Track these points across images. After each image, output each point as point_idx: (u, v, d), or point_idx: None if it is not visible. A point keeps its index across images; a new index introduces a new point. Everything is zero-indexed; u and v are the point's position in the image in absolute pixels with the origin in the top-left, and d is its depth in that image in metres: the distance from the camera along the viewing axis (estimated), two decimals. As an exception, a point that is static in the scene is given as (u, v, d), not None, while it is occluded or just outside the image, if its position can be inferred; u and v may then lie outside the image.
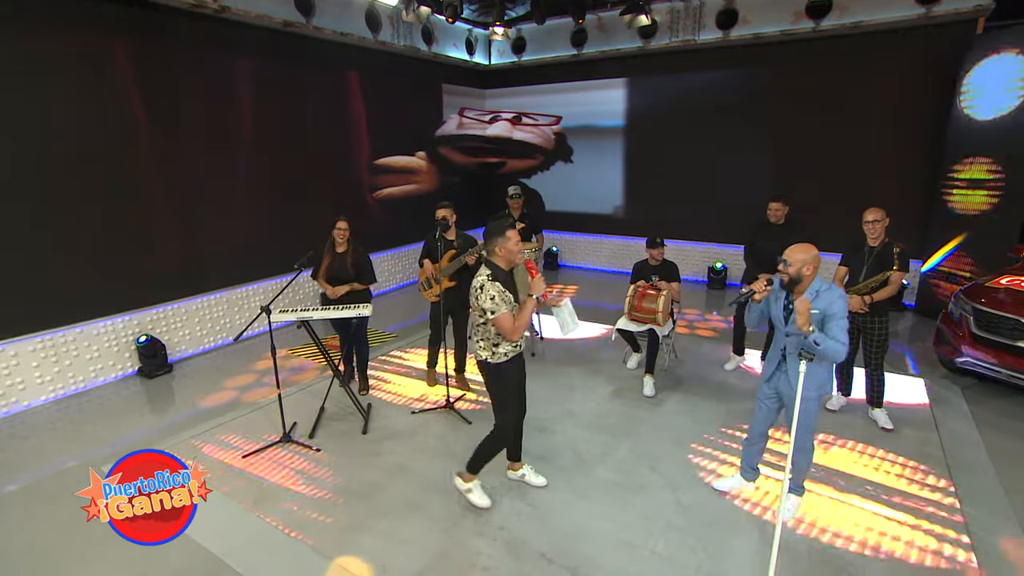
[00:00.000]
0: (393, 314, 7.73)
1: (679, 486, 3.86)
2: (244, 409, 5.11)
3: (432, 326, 5.29)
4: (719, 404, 5.03)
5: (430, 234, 5.01)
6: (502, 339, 3.29)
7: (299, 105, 7.49)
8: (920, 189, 7.52)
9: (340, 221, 4.85)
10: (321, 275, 4.91)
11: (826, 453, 4.24)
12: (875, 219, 4.35)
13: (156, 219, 6.11)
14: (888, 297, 4.34)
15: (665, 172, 9.61)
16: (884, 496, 3.74)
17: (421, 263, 5.13)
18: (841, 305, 3.07)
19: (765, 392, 3.51)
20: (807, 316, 3.03)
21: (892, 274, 4.28)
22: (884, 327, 4.44)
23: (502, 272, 3.24)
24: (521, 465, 3.90)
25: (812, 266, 3.13)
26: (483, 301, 3.15)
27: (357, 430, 4.66)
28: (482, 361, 3.36)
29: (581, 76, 10.02)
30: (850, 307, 4.39)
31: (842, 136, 8.02)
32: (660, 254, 5.35)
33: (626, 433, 4.54)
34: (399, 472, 4.07)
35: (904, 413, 4.79)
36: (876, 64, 7.63)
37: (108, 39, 5.55)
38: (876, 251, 4.37)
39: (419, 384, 5.57)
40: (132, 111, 5.79)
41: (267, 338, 5.12)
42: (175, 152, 6.20)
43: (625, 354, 6.01)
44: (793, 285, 3.19)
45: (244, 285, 6.99)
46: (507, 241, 3.21)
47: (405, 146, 9.38)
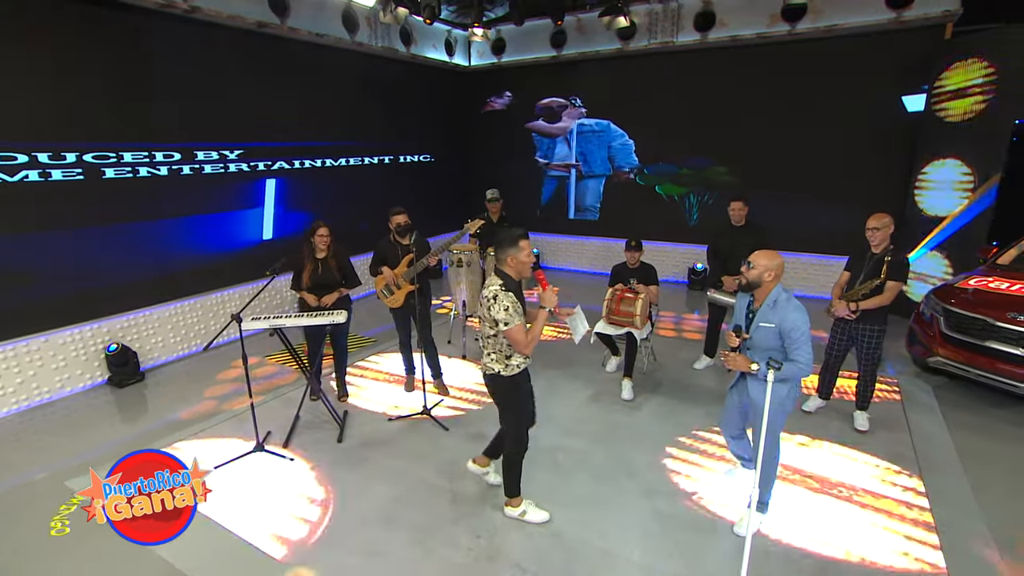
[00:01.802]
0: (372, 318, 7.68)
1: (656, 492, 3.85)
2: (217, 418, 5.00)
3: (400, 331, 5.27)
4: (697, 407, 5.03)
5: (382, 241, 5.02)
6: (513, 351, 3.23)
7: (273, 105, 7.35)
8: (893, 190, 7.61)
9: (321, 227, 4.76)
10: (304, 285, 4.79)
11: (801, 455, 4.26)
12: (875, 226, 4.26)
13: (129, 221, 5.97)
14: (879, 306, 4.25)
15: (646, 172, 9.64)
16: (856, 497, 3.77)
17: (375, 272, 5.05)
18: (796, 318, 3.02)
19: (731, 399, 3.51)
20: (742, 365, 3.15)
21: (887, 283, 4.20)
22: (876, 336, 4.36)
23: (513, 283, 3.17)
24: (489, 462, 3.85)
25: (774, 273, 3.14)
26: (496, 312, 3.06)
27: (332, 438, 4.59)
28: (495, 375, 3.26)
29: (562, 77, 9.99)
30: (838, 312, 4.39)
31: (814, 137, 8.10)
32: (637, 257, 5.35)
33: (604, 438, 4.52)
34: (375, 481, 4.02)
35: (877, 413, 4.83)
36: (850, 67, 7.71)
37: (75, 38, 5.39)
38: (875, 259, 4.30)
39: (396, 390, 5.51)
40: (97, 110, 5.64)
41: (246, 343, 5.06)
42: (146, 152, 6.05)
43: (604, 357, 6.00)
44: (751, 289, 3.20)
45: (219, 291, 6.86)
46: (519, 252, 3.14)
47: (387, 147, 9.30)
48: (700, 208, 9.36)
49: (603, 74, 9.61)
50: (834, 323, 4.63)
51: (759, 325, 3.12)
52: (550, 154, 10.63)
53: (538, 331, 3.16)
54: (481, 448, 3.95)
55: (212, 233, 6.81)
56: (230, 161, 6.90)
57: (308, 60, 7.69)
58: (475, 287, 6.19)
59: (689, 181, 9.33)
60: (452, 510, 3.70)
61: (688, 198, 9.41)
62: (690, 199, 9.40)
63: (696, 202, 9.36)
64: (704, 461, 4.20)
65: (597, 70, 9.64)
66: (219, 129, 6.75)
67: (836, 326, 4.61)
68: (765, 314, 3.12)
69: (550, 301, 3.18)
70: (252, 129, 7.11)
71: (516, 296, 3.14)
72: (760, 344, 3.15)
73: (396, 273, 4.97)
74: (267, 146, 7.33)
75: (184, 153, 6.41)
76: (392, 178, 9.53)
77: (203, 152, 6.60)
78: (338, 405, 5.15)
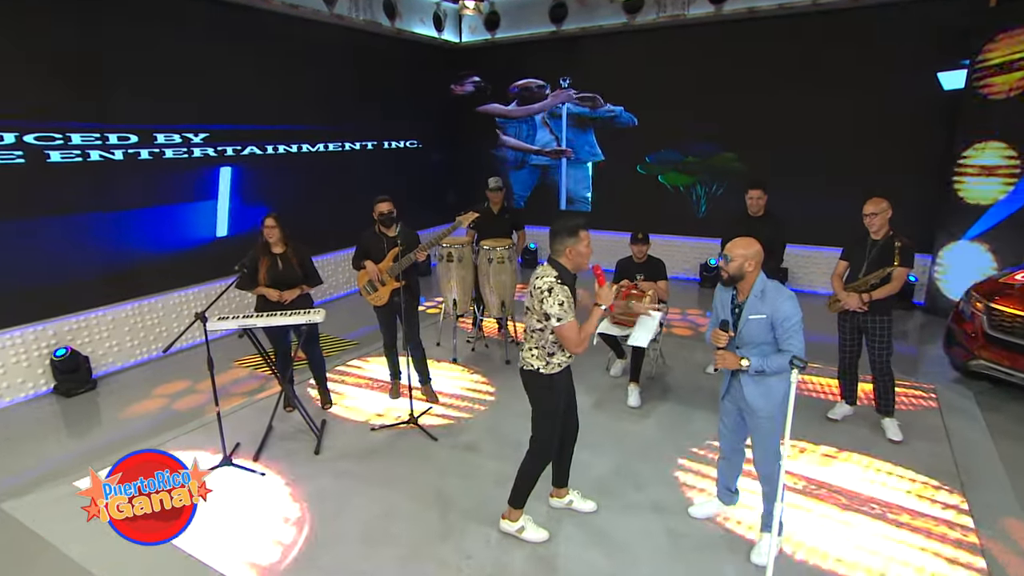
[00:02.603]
0: (353, 319, 7.65)
1: (666, 507, 3.83)
2: (179, 429, 4.97)
3: (384, 332, 5.28)
4: (711, 414, 5.01)
5: (366, 232, 5.03)
6: (557, 348, 3.27)
7: (242, 83, 7.33)
8: (929, 176, 7.61)
9: (267, 218, 4.78)
10: (261, 282, 4.79)
11: (828, 468, 4.24)
12: (873, 211, 4.36)
13: (80, 212, 5.93)
14: (889, 295, 4.36)
15: (647, 161, 9.66)
16: (891, 515, 3.74)
17: (358, 266, 5.06)
18: (789, 307, 3.04)
19: (726, 408, 3.48)
20: (731, 363, 3.16)
21: (894, 270, 4.31)
22: (887, 327, 4.46)
23: (569, 276, 3.21)
24: (567, 491, 3.84)
25: (754, 262, 3.14)
26: (549, 306, 3.10)
27: (309, 450, 4.57)
28: (533, 371, 3.30)
29: (561, 53, 10.01)
30: (848, 306, 4.46)
31: (838, 119, 8.09)
32: (644, 251, 5.36)
33: (609, 449, 4.51)
34: (356, 497, 4.00)
35: (913, 422, 4.81)
36: (879, 40, 7.70)
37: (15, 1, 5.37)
38: (879, 245, 4.39)
39: (381, 397, 5.50)
40: (41, 85, 5.60)
41: (213, 346, 5.03)
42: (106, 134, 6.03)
43: (608, 360, 5.99)
44: (734, 283, 3.21)
45: (182, 289, 6.83)
46: (579, 242, 3.17)
47: (370, 131, 9.29)
48: (708, 199, 9.38)
49: (608, 51, 9.61)
50: (839, 319, 4.68)
51: (748, 318, 3.14)
52: (530, 140, 10.68)
53: (591, 330, 3.20)
54: (478, 459, 3.91)
55: (175, 226, 6.78)
56: (194, 145, 6.88)
57: (282, 33, 7.66)
58: (467, 284, 6.18)
59: (695, 169, 9.36)
60: (441, 527, 3.68)
61: (695, 188, 9.44)
62: (697, 190, 9.43)
63: (704, 193, 9.39)
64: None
65: (600, 46, 9.63)
66: (183, 110, 6.72)
67: (842, 321, 4.66)
68: (754, 306, 3.13)
69: (607, 298, 3.21)
70: (220, 110, 7.09)
71: (572, 291, 3.20)
72: (751, 339, 3.15)
73: (380, 268, 4.96)
74: (236, 129, 7.30)
75: (142, 135, 6.38)
76: (375, 165, 9.51)
77: (163, 135, 6.57)
78: (318, 413, 5.13)
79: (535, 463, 3.46)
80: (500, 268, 5.94)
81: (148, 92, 6.36)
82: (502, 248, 5.92)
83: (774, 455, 3.24)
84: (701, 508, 3.78)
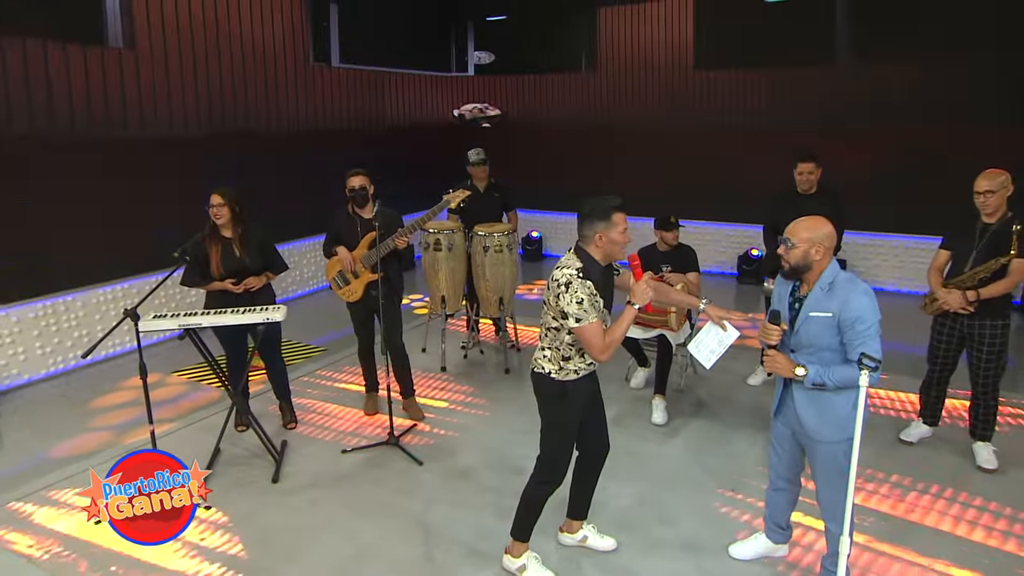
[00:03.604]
0: (322, 321, 7.59)
1: (701, 545, 3.72)
2: (103, 455, 4.80)
3: (359, 335, 5.25)
4: (754, 433, 4.92)
5: (337, 213, 5.02)
6: (575, 352, 3.17)
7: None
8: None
9: (213, 195, 4.65)
10: (215, 272, 4.69)
11: (901, 502, 4.10)
12: (989, 188, 4.09)
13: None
14: (1002, 293, 4.11)
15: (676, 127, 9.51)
16: (986, 561, 3.56)
17: (329, 253, 5.05)
18: (864, 304, 2.84)
19: (778, 430, 3.31)
20: (783, 368, 2.99)
21: (1013, 261, 4.04)
22: (1000, 335, 4.20)
23: (597, 268, 3.12)
24: (581, 525, 3.73)
25: (824, 247, 2.95)
26: (566, 303, 3.01)
27: (266, 478, 4.46)
28: (542, 374, 3.24)
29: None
30: (948, 306, 4.23)
31: (934, 64, 7.86)
32: (674, 237, 5.31)
33: (629, 475, 4.41)
34: (323, 534, 3.89)
35: (1008, 447, 4.63)
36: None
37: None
38: (992, 230, 4.13)
39: (355, 413, 5.45)
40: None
41: (151, 353, 4.89)
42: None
43: (628, 369, 5.92)
44: (798, 274, 3.01)
45: (109, 284, 6.67)
46: (612, 228, 3.06)
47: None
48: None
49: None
50: (935, 323, 4.49)
51: (808, 316, 2.96)
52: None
53: (621, 333, 3.09)
54: (472, 486, 3.85)
55: (102, 207, 6.58)
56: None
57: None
58: (458, 278, 6.09)
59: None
60: (426, 570, 3.58)
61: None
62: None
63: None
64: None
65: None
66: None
67: (939, 325, 4.46)
68: (817, 301, 2.94)
69: (643, 296, 3.09)
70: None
71: (600, 286, 3.08)
72: (809, 341, 2.97)
73: (354, 256, 4.90)
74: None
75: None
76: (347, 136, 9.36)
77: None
78: (278, 433, 5.04)
79: (539, 486, 3.36)
80: (498, 258, 5.85)
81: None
82: (500, 234, 5.83)
83: (839, 485, 3.02)
84: (745, 547, 3.63)
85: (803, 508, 3.67)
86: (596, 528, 3.74)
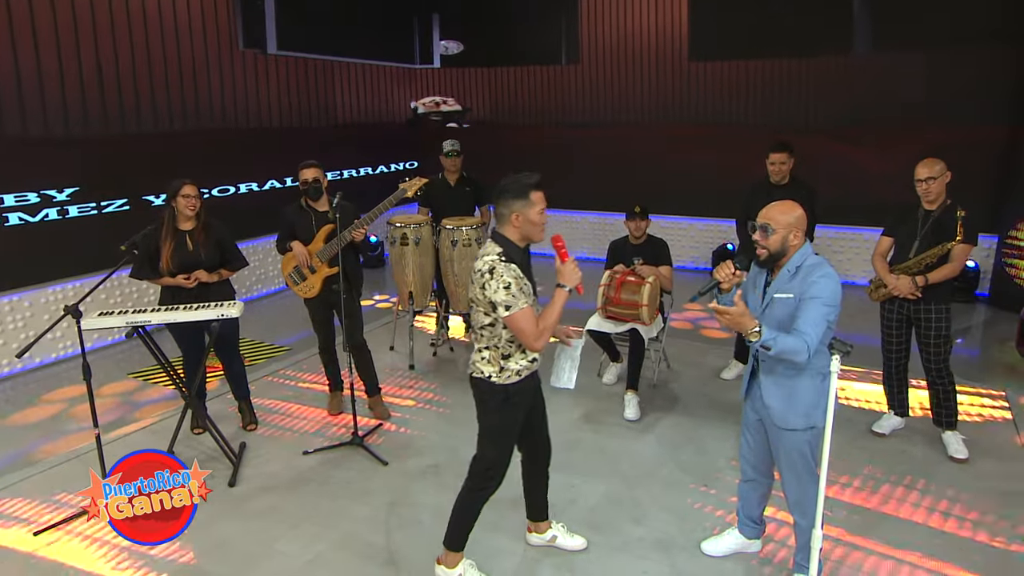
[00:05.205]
0: (284, 320, 7.57)
1: (673, 543, 3.70)
2: (46, 462, 4.69)
3: (318, 332, 5.21)
4: (728, 429, 4.91)
5: (290, 207, 4.98)
6: (515, 348, 3.08)
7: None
8: (999, 137, 7.49)
9: (186, 186, 4.55)
10: (164, 267, 4.57)
11: (873, 494, 4.11)
12: (929, 175, 4.20)
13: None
14: (948, 278, 4.24)
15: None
16: (957, 552, 3.57)
17: (283, 248, 4.98)
18: (826, 286, 2.83)
19: (747, 416, 3.31)
20: (740, 322, 2.78)
21: (955, 247, 4.15)
22: (945, 319, 4.32)
23: (517, 251, 3.06)
24: (549, 524, 3.69)
25: (800, 231, 2.95)
26: (493, 292, 2.92)
27: (222, 482, 4.36)
28: (482, 379, 3.14)
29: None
30: (897, 291, 4.33)
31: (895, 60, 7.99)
32: (642, 228, 5.32)
33: (600, 472, 4.41)
34: (282, 539, 3.81)
35: (979, 437, 4.70)
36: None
37: None
38: (933, 217, 4.25)
39: (318, 412, 5.39)
40: None
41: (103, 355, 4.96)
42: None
43: (600, 364, 5.90)
44: (775, 261, 2.98)
45: (55, 283, 6.51)
46: (529, 207, 3.00)
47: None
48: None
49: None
50: (883, 309, 4.58)
51: (773, 297, 2.98)
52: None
53: (553, 319, 3.02)
54: (438, 488, 3.80)
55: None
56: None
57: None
58: (426, 273, 6.03)
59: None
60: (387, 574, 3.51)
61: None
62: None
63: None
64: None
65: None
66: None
67: (887, 312, 4.55)
68: (782, 284, 2.95)
69: (572, 278, 3.04)
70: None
71: (522, 269, 3.01)
72: (774, 323, 2.96)
73: (310, 251, 4.84)
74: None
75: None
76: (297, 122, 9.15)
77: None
78: (238, 435, 4.94)
79: (473, 493, 3.26)
80: (466, 253, 5.81)
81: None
82: (468, 228, 5.79)
83: (806, 477, 3.04)
84: (717, 543, 3.63)
85: (776, 503, 3.67)
86: (566, 527, 3.69)
